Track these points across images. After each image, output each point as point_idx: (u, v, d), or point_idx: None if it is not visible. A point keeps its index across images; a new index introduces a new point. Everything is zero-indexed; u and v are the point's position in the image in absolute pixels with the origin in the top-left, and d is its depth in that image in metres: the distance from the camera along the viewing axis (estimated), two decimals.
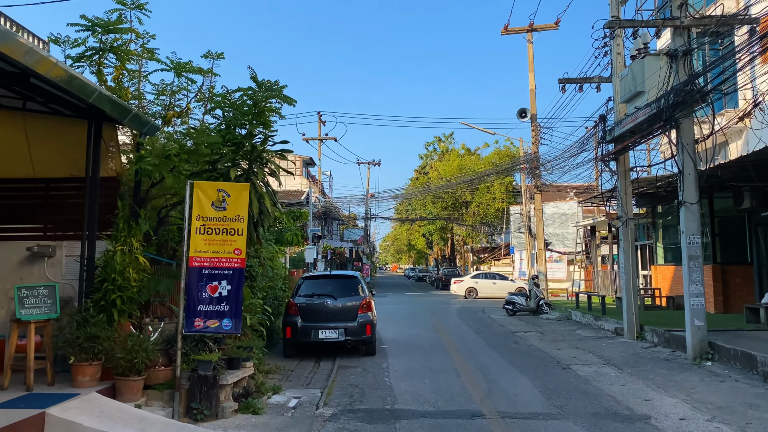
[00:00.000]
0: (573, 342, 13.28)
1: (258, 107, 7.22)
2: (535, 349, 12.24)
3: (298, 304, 11.16)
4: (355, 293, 11.48)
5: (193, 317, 6.52)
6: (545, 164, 20.85)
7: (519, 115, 21.95)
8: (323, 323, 11.01)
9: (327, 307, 11.11)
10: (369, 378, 9.25)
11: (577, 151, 16.15)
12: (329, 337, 10.94)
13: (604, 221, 23.43)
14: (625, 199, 13.28)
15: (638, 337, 13.08)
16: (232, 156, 7.30)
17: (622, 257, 13.40)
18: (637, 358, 10.82)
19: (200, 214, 6.62)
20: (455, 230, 54.02)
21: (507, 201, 45.51)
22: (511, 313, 20.99)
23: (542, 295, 21.04)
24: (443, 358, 11.06)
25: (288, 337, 11.05)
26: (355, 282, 11.70)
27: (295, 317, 11.06)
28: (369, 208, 48.85)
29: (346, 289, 11.58)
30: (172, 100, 7.96)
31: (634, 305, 13.20)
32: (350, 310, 11.15)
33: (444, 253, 65.24)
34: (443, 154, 53.76)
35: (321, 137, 36.66)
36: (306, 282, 11.75)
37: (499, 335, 14.86)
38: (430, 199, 47.52)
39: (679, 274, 18.54)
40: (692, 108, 10.25)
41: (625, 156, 13.46)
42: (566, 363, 10.49)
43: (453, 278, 44.98)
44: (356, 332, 10.98)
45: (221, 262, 6.61)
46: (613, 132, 13.26)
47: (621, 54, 13.69)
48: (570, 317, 18.74)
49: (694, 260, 10.35)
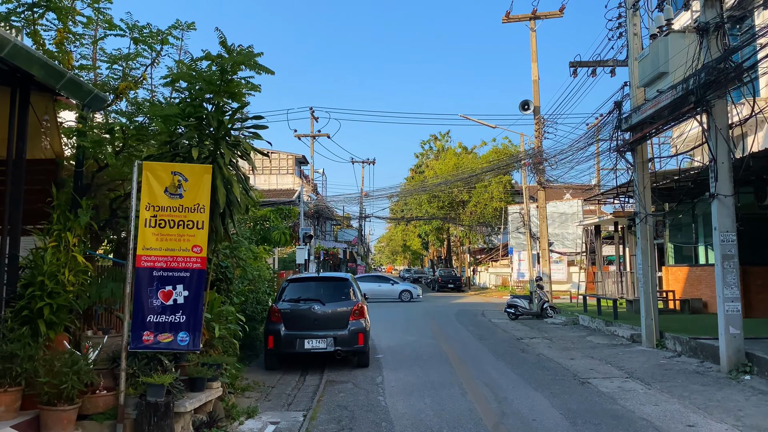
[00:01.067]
0: (586, 350, 12.08)
1: (226, 75, 5.96)
2: (546, 359, 11.02)
3: (281, 310, 9.91)
4: (345, 297, 10.23)
5: (141, 330, 5.26)
6: (549, 159, 19.67)
7: (521, 107, 20.76)
8: (310, 331, 9.76)
9: (314, 314, 9.86)
10: (361, 396, 8.00)
11: (587, 143, 14.97)
12: (316, 347, 9.69)
13: (609, 220, 22.26)
14: (643, 193, 12.09)
15: (658, 345, 11.89)
16: (195, 133, 6.04)
17: (639, 257, 12.21)
18: (663, 371, 9.61)
19: (150, 202, 5.37)
20: (452, 231, 52.82)
21: (505, 200, 44.36)
22: (513, 317, 19.79)
23: (547, 297, 19.86)
24: (445, 371, 9.83)
25: (270, 347, 9.79)
26: (345, 285, 10.46)
27: (278, 325, 9.80)
28: (363, 208, 47.61)
29: (335, 293, 10.34)
30: (127, 69, 6.68)
31: (653, 310, 12.01)
32: (340, 316, 9.91)
33: (440, 254, 64.03)
34: (439, 152, 52.60)
35: (313, 134, 35.41)
36: (291, 285, 10.49)
37: (504, 342, 13.64)
38: (426, 198, 46.29)
39: (694, 275, 17.43)
40: (727, 88, 9.07)
41: (642, 146, 12.28)
42: (584, 376, 9.28)
43: (450, 280, 43.85)
44: (347, 341, 9.74)
45: (177, 262, 5.36)
46: (630, 120, 12.08)
47: (638, 35, 12.51)
48: (577, 322, 17.55)
49: (729, 260, 9.17)
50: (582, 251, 39.84)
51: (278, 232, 16.67)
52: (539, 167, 20.15)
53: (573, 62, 14.05)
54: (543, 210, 20.94)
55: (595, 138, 14.78)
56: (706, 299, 16.33)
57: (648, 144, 14.17)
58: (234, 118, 6.15)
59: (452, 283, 43.65)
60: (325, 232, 50.11)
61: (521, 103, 20.79)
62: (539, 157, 20.10)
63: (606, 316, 15.92)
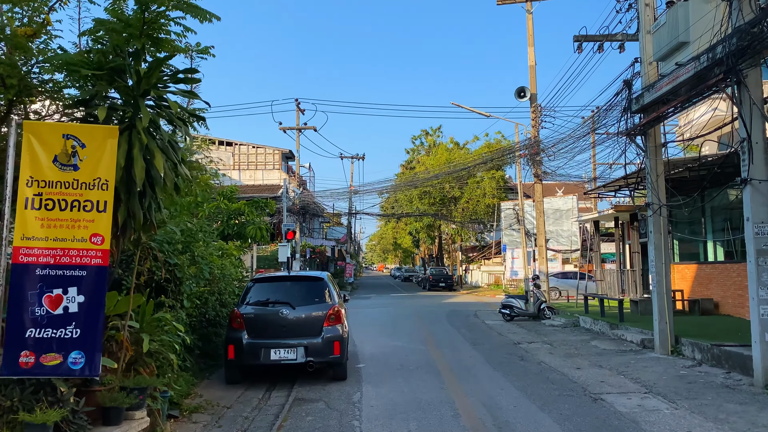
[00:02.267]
0: (592, 357, 10.78)
1: (148, 15, 4.56)
2: (549, 369, 9.70)
3: (244, 315, 8.52)
4: (320, 300, 8.84)
5: (17, 349, 3.87)
6: (547, 149, 18.37)
7: (517, 94, 19.45)
8: (277, 340, 8.38)
9: (282, 319, 8.47)
10: (332, 421, 6.62)
11: (590, 129, 13.65)
12: (285, 358, 8.31)
13: (609, 215, 21.04)
14: (656, 181, 10.79)
15: (673, 351, 10.61)
16: (107, 88, 4.64)
17: (652, 253, 10.92)
18: (687, 384, 8.31)
19: (34, 176, 3.98)
20: (443, 228, 51.52)
21: (498, 197, 43.12)
22: (508, 318, 18.49)
23: (544, 297, 18.56)
24: (435, 385, 8.47)
25: (230, 358, 8.39)
26: (320, 285, 9.07)
27: (240, 332, 8.41)
28: (353, 205, 46.20)
29: (308, 295, 8.95)
30: (32, 13, 5.25)
31: (668, 312, 10.72)
32: (313, 322, 8.53)
33: (431, 252, 62.74)
34: (431, 148, 51.23)
35: (299, 126, 33.94)
36: (256, 286, 9.08)
37: (500, 348, 12.31)
38: (417, 194, 44.96)
39: (703, 273, 16.20)
40: (763, 55, 7.77)
41: (656, 129, 10.98)
42: (595, 391, 7.96)
43: (441, 278, 42.55)
44: (320, 351, 8.36)
45: (69, 257, 3.98)
46: (642, 99, 10.77)
47: (650, 5, 11.21)
48: (578, 324, 16.26)
49: (764, 255, 7.87)
50: (577, 248, 38.73)
51: (253, 227, 15.26)
52: (536, 158, 18.84)
53: (578, 36, 12.74)
54: (540, 204, 19.65)
55: (598, 123, 13.47)
56: (717, 299, 15.10)
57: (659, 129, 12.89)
58: (158, 71, 4.73)
59: (444, 281, 42.37)
60: (313, 230, 48.65)
61: (517, 90, 19.47)
62: (536, 147, 18.80)
63: (610, 318, 14.64)
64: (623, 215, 20.41)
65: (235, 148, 45.94)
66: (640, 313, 15.32)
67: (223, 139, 46.13)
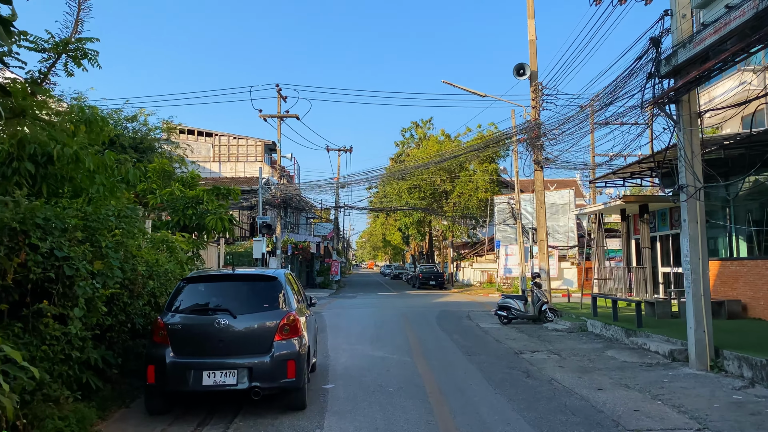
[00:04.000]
0: (613, 373, 8.83)
1: None
2: (564, 390, 7.73)
3: (169, 326, 6.46)
4: (271, 306, 6.78)
5: None
6: (549, 132, 16.38)
7: (516, 72, 17.46)
8: (212, 358, 6.35)
9: (220, 331, 6.43)
10: None
11: (604, 103, 11.68)
12: (222, 384, 6.26)
13: (616, 207, 19.13)
14: (692, 159, 8.84)
15: (713, 367, 8.68)
16: None
17: (686, 246, 8.97)
18: (750, 417, 6.36)
19: None
20: (434, 224, 49.58)
21: (491, 191, 41.21)
22: (505, 321, 16.55)
23: (545, 298, 16.63)
24: (420, 417, 6.47)
25: (151, 382, 6.34)
26: (272, 287, 6.99)
27: (163, 348, 6.36)
28: (339, 198, 44.07)
29: (256, 300, 6.89)
30: None
31: (706, 318, 8.79)
32: (260, 335, 6.50)
33: (421, 249, 60.82)
34: (421, 140, 49.26)
35: (280, 114, 31.77)
36: (189, 287, 6.99)
37: (500, 359, 10.34)
38: (406, 188, 42.98)
39: (728, 272, 14.29)
40: None
41: (691, 96, 9.03)
42: (632, 427, 6.01)
43: (432, 276, 40.56)
44: (269, 374, 6.33)
45: None
46: (674, 59, 8.81)
47: None
48: (585, 328, 14.33)
49: None
50: (574, 245, 36.91)
51: (213, 217, 13.16)
52: (536, 143, 16.86)
53: None
54: (541, 194, 17.69)
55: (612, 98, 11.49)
56: (745, 300, 13.22)
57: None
58: None
59: (434, 279, 40.44)
60: (298, 225, 46.53)
61: (516, 68, 17.49)
62: (537, 131, 16.82)
63: (625, 322, 12.72)
64: (631, 207, 18.53)
65: (215, 139, 43.68)
66: (657, 317, 13.41)
67: (202, 130, 43.87)
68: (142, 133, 20.28)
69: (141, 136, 19.83)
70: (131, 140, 19.16)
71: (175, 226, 13.52)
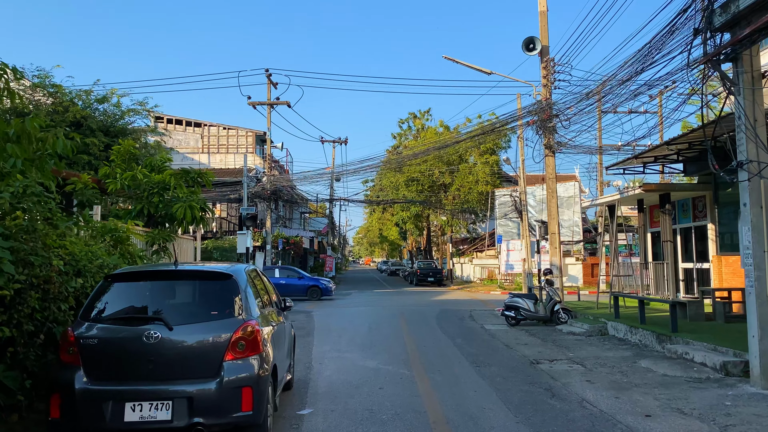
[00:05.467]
0: (657, 392, 7.18)
1: None
2: (602, 418, 6.08)
3: (82, 340, 4.77)
4: (221, 313, 5.07)
5: None
6: (562, 113, 14.72)
7: (525, 46, 15.77)
8: (138, 385, 4.67)
9: (149, 347, 4.73)
10: None
11: (637, 68, 9.98)
12: (150, 419, 4.59)
13: (633, 197, 17.46)
14: (754, 127, 7.17)
15: None
16: None
17: (746, 236, 7.31)
18: None
19: None
20: (432, 218, 47.92)
21: (492, 183, 39.54)
22: (513, 323, 14.92)
23: (558, 296, 15.00)
24: None
25: (54, 417, 4.66)
26: (225, 288, 5.26)
27: (73, 370, 4.69)
28: (334, 192, 42.39)
29: (201, 305, 5.21)
30: None
31: None
32: (205, 353, 4.81)
33: (419, 244, 59.15)
34: (419, 131, 47.53)
35: (270, 101, 30.03)
36: (115, 287, 5.28)
37: (515, 372, 8.68)
38: (404, 181, 41.30)
39: None
40: None
41: (753, 51, 7.36)
42: None
43: (430, 273, 38.93)
44: (217, 406, 4.65)
45: None
46: (732, 6, 7.13)
47: None
48: (605, 331, 12.70)
49: None
50: (579, 240, 35.31)
51: (182, 205, 11.46)
52: (548, 125, 15.19)
53: None
54: (552, 182, 16.02)
55: (646, 61, 9.81)
56: None
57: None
58: None
59: (432, 276, 38.77)
60: (292, 219, 44.84)
61: (525, 42, 15.79)
62: (548, 111, 15.14)
63: (654, 326, 11.08)
64: (650, 197, 16.88)
65: (204, 130, 41.84)
66: (690, 319, 11.78)
67: (190, 120, 42.01)
68: (115, 116, 18.53)
69: (112, 119, 18.08)
70: (101, 123, 17.42)
71: (138, 216, 11.82)
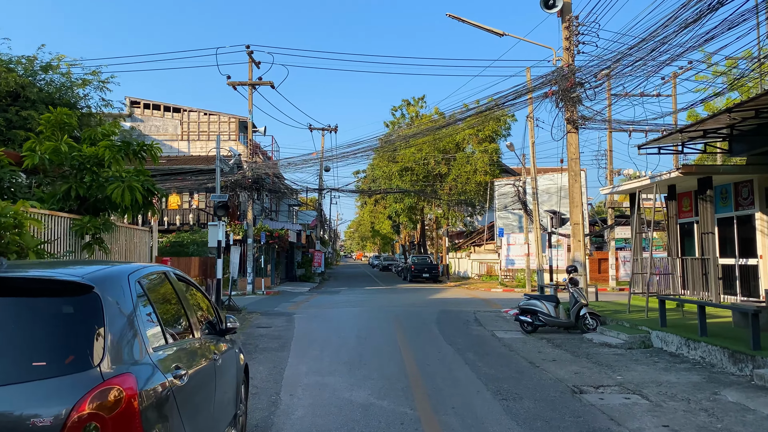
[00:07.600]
0: None
1: None
2: None
3: None
4: (53, 361, 2.55)
5: None
6: (587, 82, 12.31)
7: (544, 3, 13.33)
8: None
9: None
10: None
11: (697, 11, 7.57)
12: None
13: (665, 181, 15.06)
14: None
15: None
16: None
17: None
18: None
19: None
20: (426, 211, 45.53)
21: (491, 173, 37.19)
22: (529, 329, 12.58)
23: (585, 299, 12.64)
24: None
25: None
26: (77, 310, 2.71)
27: None
28: (323, 183, 39.84)
29: (25, 344, 2.68)
30: None
31: None
32: None
33: (413, 238, 56.80)
34: (413, 120, 45.07)
35: (252, 81, 27.42)
36: None
37: (556, 410, 6.27)
38: (397, 171, 38.88)
39: None
40: None
41: None
42: None
43: (425, 268, 36.56)
44: None
45: None
46: None
47: None
48: (649, 343, 10.35)
49: None
50: (587, 233, 33.01)
51: (119, 185, 8.93)
52: (571, 95, 12.77)
53: None
54: (575, 163, 13.63)
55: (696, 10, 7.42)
56: None
57: None
58: None
59: (428, 272, 36.41)
60: (278, 212, 42.26)
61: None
62: (572, 79, 12.72)
63: (719, 338, 8.74)
64: (685, 182, 14.52)
65: (183, 116, 39.08)
66: (763, 330, 9.41)
67: (169, 105, 39.23)
68: (64, 87, 15.89)
69: (60, 92, 15.45)
70: (45, 95, 14.78)
71: (65, 198, 9.30)
